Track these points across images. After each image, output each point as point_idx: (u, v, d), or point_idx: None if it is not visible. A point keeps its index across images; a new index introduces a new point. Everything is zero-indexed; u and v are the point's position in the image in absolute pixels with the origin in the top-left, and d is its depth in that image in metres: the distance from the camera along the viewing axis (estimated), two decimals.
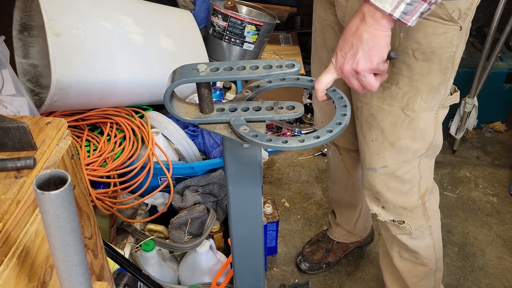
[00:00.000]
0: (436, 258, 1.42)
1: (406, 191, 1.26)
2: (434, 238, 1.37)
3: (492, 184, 2.21)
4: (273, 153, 2.37)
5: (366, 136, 1.22)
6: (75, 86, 1.41)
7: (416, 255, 1.38)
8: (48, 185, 0.51)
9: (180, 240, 1.46)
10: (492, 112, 2.48)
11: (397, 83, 1.10)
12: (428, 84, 1.10)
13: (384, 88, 1.12)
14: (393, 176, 1.23)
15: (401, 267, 1.43)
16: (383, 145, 1.20)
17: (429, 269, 1.42)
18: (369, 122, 1.19)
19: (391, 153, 1.20)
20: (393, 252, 1.41)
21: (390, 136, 1.18)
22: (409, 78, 1.09)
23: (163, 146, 1.54)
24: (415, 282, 1.44)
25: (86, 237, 0.78)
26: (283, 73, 0.82)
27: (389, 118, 1.15)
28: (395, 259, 1.42)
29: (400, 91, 1.11)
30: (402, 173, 1.23)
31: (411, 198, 1.28)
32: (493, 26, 1.96)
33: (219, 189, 1.54)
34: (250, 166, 0.93)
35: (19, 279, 0.58)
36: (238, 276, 1.16)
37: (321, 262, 1.81)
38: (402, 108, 1.13)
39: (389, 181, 1.24)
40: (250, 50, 1.96)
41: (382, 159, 1.21)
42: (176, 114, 0.86)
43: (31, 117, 0.73)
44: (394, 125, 1.16)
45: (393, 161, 1.21)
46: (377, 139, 1.20)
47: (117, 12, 1.58)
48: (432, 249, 1.39)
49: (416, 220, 1.31)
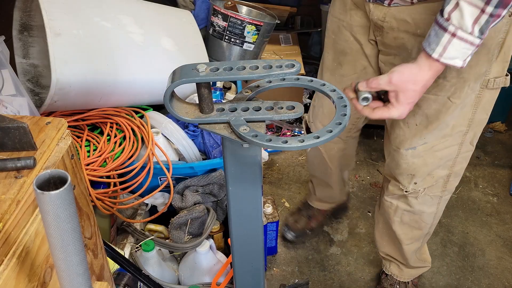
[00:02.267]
0: (432, 224, 1.52)
1: (442, 164, 1.32)
2: (439, 208, 1.45)
3: (492, 184, 2.21)
4: (273, 153, 2.37)
5: (409, 122, 1.26)
6: (75, 86, 1.41)
7: (417, 219, 1.46)
8: (48, 185, 0.51)
9: (180, 240, 1.46)
10: (492, 112, 2.48)
11: (444, 77, 1.13)
12: (475, 74, 1.13)
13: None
14: (432, 150, 1.28)
15: (399, 230, 1.51)
16: (427, 128, 1.24)
17: (422, 233, 1.52)
18: (414, 110, 1.21)
19: (432, 133, 1.25)
20: (395, 217, 1.48)
21: (435, 121, 1.22)
22: (457, 71, 1.12)
23: (163, 146, 1.54)
24: (408, 244, 1.55)
25: (86, 237, 0.78)
26: (283, 73, 0.82)
27: (434, 105, 1.19)
28: (395, 224, 1.50)
29: (448, 83, 1.15)
30: (439, 149, 1.28)
31: (443, 171, 1.34)
32: None
33: (219, 189, 1.54)
34: (250, 166, 0.93)
35: (19, 279, 0.58)
36: (238, 276, 1.16)
37: (305, 228, 1.94)
38: (448, 96, 1.17)
39: (427, 157, 1.29)
40: (250, 50, 1.96)
41: (423, 139, 1.27)
42: (176, 114, 0.86)
43: (31, 117, 0.73)
44: (439, 111, 1.20)
45: (433, 138, 1.26)
46: (421, 123, 1.24)
47: (117, 12, 1.58)
48: (433, 216, 1.47)
49: (434, 188, 1.38)
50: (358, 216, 2.04)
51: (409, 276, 1.69)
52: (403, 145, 1.30)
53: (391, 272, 1.70)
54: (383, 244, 1.65)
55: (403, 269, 1.67)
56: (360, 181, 2.22)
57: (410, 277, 1.70)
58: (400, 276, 1.69)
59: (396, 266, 1.67)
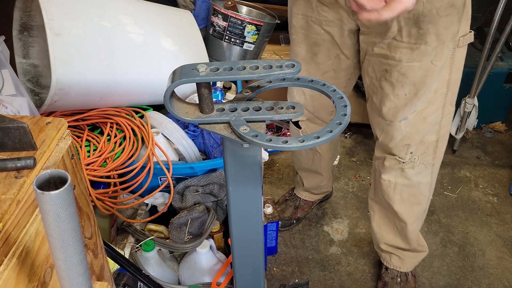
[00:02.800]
0: (428, 198, 1.56)
1: (431, 128, 1.38)
2: (432, 177, 1.51)
3: (492, 184, 2.21)
4: (273, 153, 2.37)
5: (398, 94, 1.31)
6: (75, 86, 1.41)
7: (416, 193, 1.51)
8: (48, 185, 0.51)
9: (180, 240, 1.46)
10: (492, 112, 2.48)
11: (425, 42, 1.20)
12: (451, 34, 1.21)
13: (413, 49, 1.21)
14: (421, 117, 1.34)
15: (400, 209, 1.55)
16: (416, 96, 1.30)
17: (422, 208, 1.57)
18: (401, 81, 1.28)
19: (420, 100, 1.31)
20: (395, 196, 1.52)
21: (422, 87, 1.28)
22: (436, 35, 1.19)
23: (163, 146, 1.54)
24: (412, 222, 1.58)
25: (86, 237, 0.78)
26: (283, 73, 0.82)
27: (420, 72, 1.25)
28: (395, 204, 1.54)
29: (430, 47, 1.21)
30: (428, 113, 1.34)
31: (432, 136, 1.40)
32: (493, 26, 1.96)
33: (219, 189, 1.54)
34: (250, 166, 0.93)
35: (19, 279, 0.58)
36: (238, 276, 1.16)
37: (291, 218, 1.98)
38: (431, 60, 1.23)
39: (418, 124, 1.35)
40: (250, 50, 1.96)
41: (413, 107, 1.32)
42: (176, 114, 0.86)
43: (31, 117, 0.73)
44: (425, 76, 1.26)
45: (421, 104, 1.32)
46: (410, 92, 1.29)
47: (117, 12, 1.58)
48: (429, 188, 1.53)
49: (426, 155, 1.43)
50: (358, 216, 2.04)
51: (410, 264, 1.71)
52: (396, 117, 1.35)
53: (393, 264, 1.71)
54: (382, 234, 1.66)
55: (404, 259, 1.68)
56: (360, 181, 2.22)
57: (411, 266, 1.71)
58: (401, 266, 1.70)
59: (397, 258, 1.69)
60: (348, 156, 2.36)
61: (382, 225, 1.65)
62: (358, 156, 2.35)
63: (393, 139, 1.40)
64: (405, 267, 1.70)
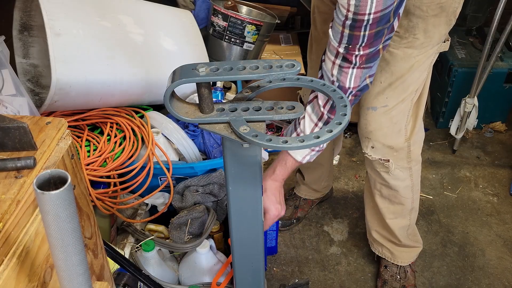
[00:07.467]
0: (413, 198, 1.57)
1: (396, 132, 1.40)
2: (413, 180, 1.52)
3: (492, 184, 2.21)
4: (273, 153, 2.37)
5: (375, 78, 1.31)
6: (75, 86, 1.41)
7: (395, 194, 1.53)
8: (48, 185, 0.51)
9: (180, 240, 1.46)
10: (492, 112, 2.48)
11: (414, 34, 1.24)
12: (438, 34, 1.25)
13: (402, 38, 1.25)
14: (388, 115, 1.37)
15: (380, 203, 1.58)
16: (390, 86, 1.32)
17: (405, 207, 1.57)
18: (381, 66, 1.29)
19: (394, 93, 1.33)
20: (375, 190, 1.56)
21: (398, 79, 1.31)
22: (424, 30, 1.23)
23: (163, 146, 1.54)
24: (391, 218, 1.60)
25: (86, 237, 0.78)
26: (283, 73, 0.82)
27: (401, 62, 1.28)
28: (376, 196, 1.57)
29: (417, 41, 1.25)
30: (395, 113, 1.37)
31: (399, 139, 1.42)
32: (493, 26, 1.96)
33: (219, 189, 1.54)
34: (250, 166, 0.93)
35: (19, 279, 0.58)
36: (238, 276, 1.16)
37: (291, 218, 1.99)
38: (415, 55, 1.27)
39: (383, 121, 1.38)
40: (250, 50, 1.96)
41: (385, 99, 1.34)
42: (176, 114, 0.86)
43: (31, 117, 0.73)
44: (404, 68, 1.29)
45: (393, 100, 1.34)
46: (385, 80, 1.32)
47: (117, 12, 1.58)
48: (411, 190, 1.53)
49: (399, 160, 1.45)
50: (358, 216, 2.04)
51: (402, 258, 1.71)
52: (366, 102, 1.37)
53: (384, 255, 1.73)
54: (373, 221, 1.68)
55: (394, 252, 1.69)
56: (360, 181, 2.22)
57: (407, 260, 1.71)
58: (393, 259, 1.71)
59: (387, 250, 1.71)
60: (348, 156, 2.36)
61: (373, 214, 1.67)
62: (358, 156, 2.35)
63: (359, 127, 1.44)
64: (398, 260, 1.71)
